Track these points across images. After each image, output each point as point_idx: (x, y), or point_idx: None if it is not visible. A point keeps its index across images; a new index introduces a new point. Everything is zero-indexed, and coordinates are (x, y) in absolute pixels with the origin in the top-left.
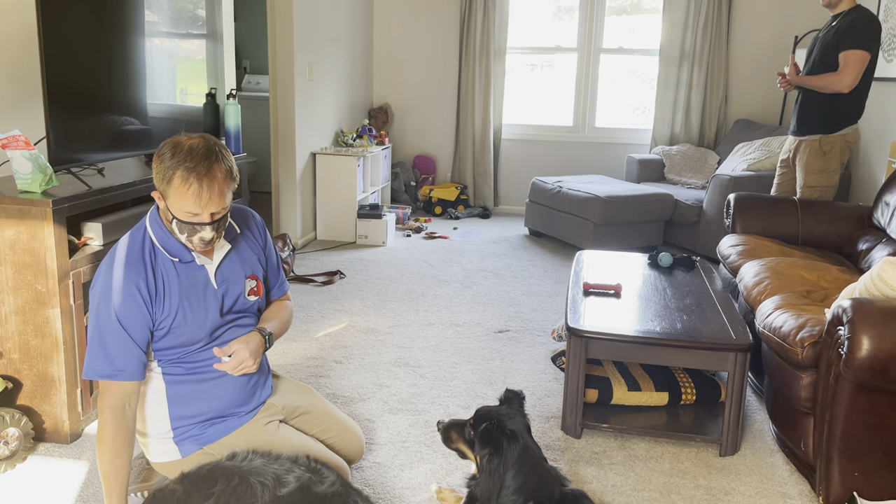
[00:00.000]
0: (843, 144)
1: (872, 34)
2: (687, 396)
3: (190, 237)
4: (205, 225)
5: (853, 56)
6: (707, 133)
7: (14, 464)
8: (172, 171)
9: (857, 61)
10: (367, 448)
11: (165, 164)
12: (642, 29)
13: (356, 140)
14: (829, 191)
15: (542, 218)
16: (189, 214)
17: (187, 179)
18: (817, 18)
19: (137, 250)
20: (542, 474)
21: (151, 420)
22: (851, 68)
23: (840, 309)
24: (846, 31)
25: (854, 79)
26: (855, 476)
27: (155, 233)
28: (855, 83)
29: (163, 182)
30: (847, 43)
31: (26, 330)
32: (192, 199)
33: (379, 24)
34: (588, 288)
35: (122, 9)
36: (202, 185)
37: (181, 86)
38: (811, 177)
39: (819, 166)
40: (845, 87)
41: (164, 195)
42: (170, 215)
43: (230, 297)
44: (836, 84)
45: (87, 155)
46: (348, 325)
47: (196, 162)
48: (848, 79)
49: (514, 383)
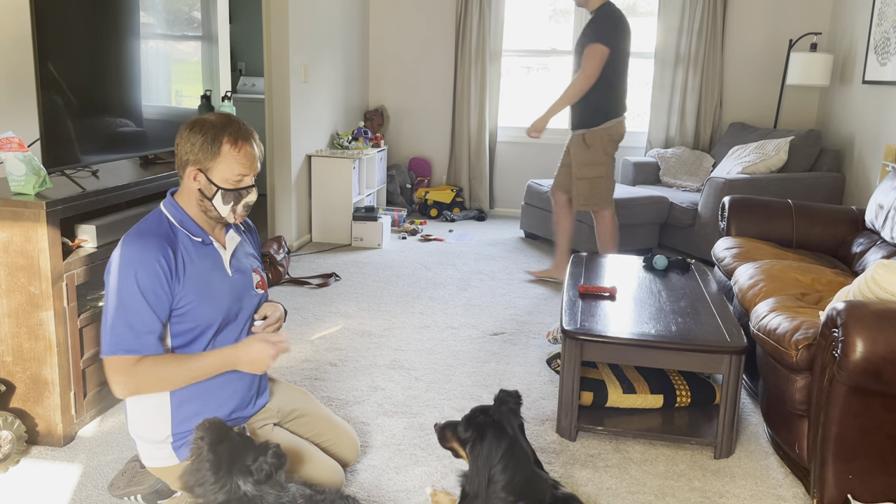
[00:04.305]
0: (606, 138)
1: (612, 30)
2: (682, 399)
3: (235, 206)
4: (250, 188)
5: (592, 49)
6: (702, 136)
7: (7, 467)
8: (220, 139)
9: (595, 54)
10: (362, 451)
11: (207, 137)
12: (638, 32)
13: (352, 142)
14: (597, 181)
15: (538, 220)
16: (236, 179)
17: (236, 142)
18: (812, 22)
19: (156, 228)
20: (532, 473)
21: (153, 424)
22: (590, 61)
23: (834, 311)
24: (589, 27)
25: (594, 69)
26: (849, 478)
27: (173, 214)
28: (595, 73)
29: (207, 155)
30: (590, 38)
31: (19, 332)
32: (244, 159)
33: (374, 26)
34: (583, 290)
35: (116, 10)
36: (251, 145)
37: (176, 88)
38: (580, 169)
39: (585, 159)
40: (590, 78)
41: (208, 168)
42: (212, 189)
43: (242, 287)
44: (582, 82)
45: (81, 157)
46: (343, 328)
47: (238, 126)
48: (588, 70)
49: (509, 386)
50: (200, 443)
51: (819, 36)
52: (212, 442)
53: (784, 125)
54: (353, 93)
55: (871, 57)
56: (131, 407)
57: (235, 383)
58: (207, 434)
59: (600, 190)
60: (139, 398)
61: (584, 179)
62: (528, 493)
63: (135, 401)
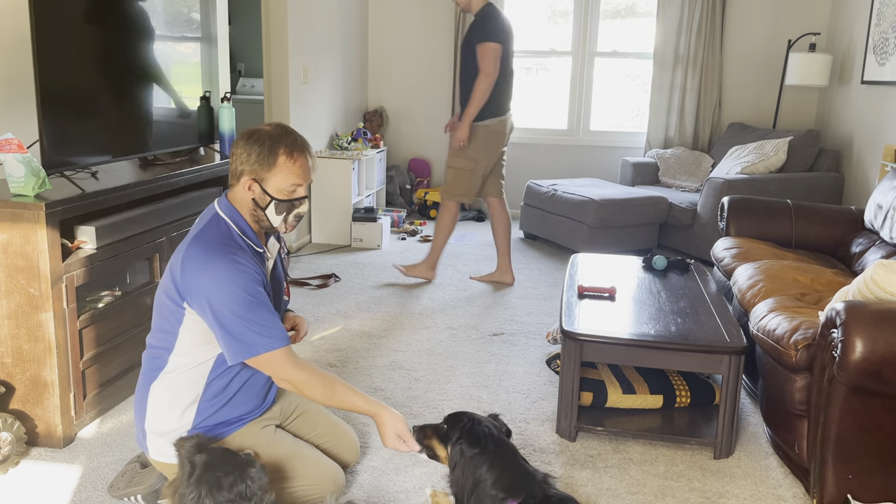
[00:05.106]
0: (486, 134)
1: (498, 28)
2: (681, 399)
3: (287, 216)
4: (303, 199)
5: (484, 48)
6: (701, 136)
7: (6, 468)
8: (276, 151)
9: (488, 51)
10: (362, 452)
11: (265, 147)
12: (636, 32)
13: (351, 143)
14: (464, 174)
15: (537, 221)
16: (291, 190)
17: (292, 154)
18: (810, 22)
19: (227, 237)
20: (520, 468)
21: (177, 416)
22: (485, 59)
23: (833, 311)
24: (474, 28)
25: (491, 66)
26: (849, 478)
27: (235, 223)
28: (494, 69)
29: (264, 165)
30: (477, 37)
31: (19, 334)
32: (300, 170)
33: (374, 27)
34: (583, 291)
35: (115, 12)
36: (306, 157)
37: (175, 89)
38: (451, 158)
39: (458, 151)
40: (490, 76)
41: (264, 179)
42: (266, 199)
43: (277, 294)
44: (484, 81)
45: (80, 158)
46: (343, 329)
47: (294, 138)
48: (487, 67)
49: (508, 386)
50: (185, 458)
51: (818, 36)
52: (191, 456)
53: (783, 125)
54: (352, 94)
55: (870, 57)
56: (155, 403)
57: (257, 387)
58: (192, 445)
59: (463, 183)
60: (168, 396)
61: (451, 169)
62: (517, 489)
63: (161, 398)
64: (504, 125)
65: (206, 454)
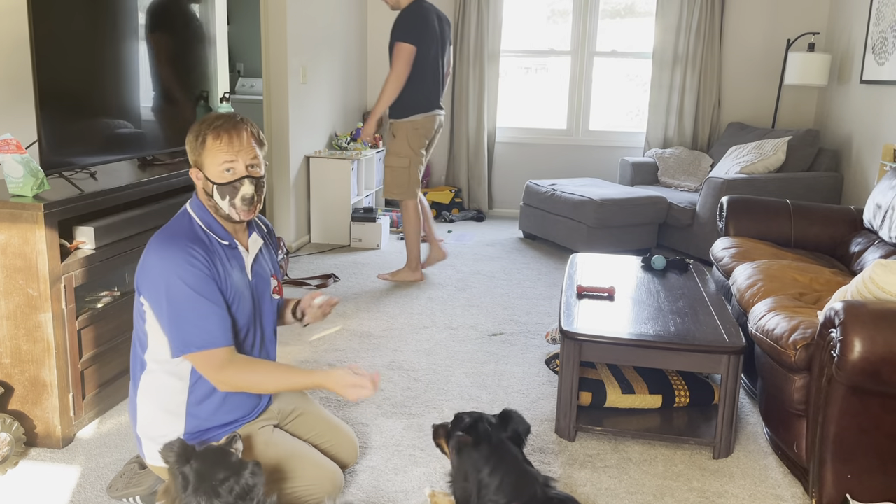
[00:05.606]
0: (411, 130)
1: (414, 27)
2: (680, 399)
3: (232, 199)
4: (243, 179)
5: (397, 49)
6: (700, 136)
7: (5, 469)
8: (204, 133)
9: (400, 52)
10: (361, 452)
11: (196, 133)
12: (636, 32)
13: (350, 143)
14: (399, 171)
15: (537, 221)
16: (224, 170)
17: (218, 136)
18: (809, 22)
19: (188, 230)
20: (522, 471)
21: (166, 423)
22: (397, 60)
23: (832, 311)
24: (395, 26)
25: (401, 67)
26: (848, 478)
27: (200, 217)
28: (403, 70)
29: (196, 151)
30: (395, 36)
31: (18, 334)
32: (225, 147)
33: (373, 26)
34: (582, 291)
35: (114, 12)
36: (231, 135)
37: (174, 89)
38: (387, 157)
39: (391, 148)
40: (399, 76)
41: (201, 164)
42: (209, 186)
43: (260, 292)
44: (393, 81)
45: (78, 158)
46: (342, 329)
47: (223, 121)
48: (396, 68)
49: (507, 386)
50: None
51: (817, 36)
52: (180, 463)
53: (782, 125)
54: (351, 94)
55: (869, 57)
56: (143, 407)
57: None
58: (177, 455)
59: (402, 180)
60: (154, 399)
61: (388, 168)
62: (519, 493)
63: (148, 401)
64: (431, 121)
65: (196, 461)
